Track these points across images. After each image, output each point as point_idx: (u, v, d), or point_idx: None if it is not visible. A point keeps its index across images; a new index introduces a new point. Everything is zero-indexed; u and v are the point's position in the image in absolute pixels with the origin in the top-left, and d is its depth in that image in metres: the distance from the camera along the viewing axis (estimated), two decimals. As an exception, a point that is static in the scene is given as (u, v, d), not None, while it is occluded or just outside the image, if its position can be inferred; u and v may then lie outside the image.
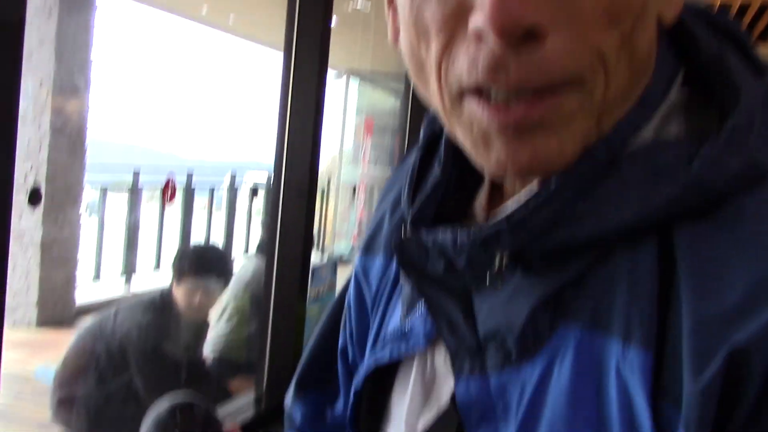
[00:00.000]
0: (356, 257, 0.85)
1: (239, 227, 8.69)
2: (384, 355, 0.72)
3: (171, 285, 3.04)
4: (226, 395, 2.89)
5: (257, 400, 1.97)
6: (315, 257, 2.06)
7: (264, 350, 1.98)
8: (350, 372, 0.85)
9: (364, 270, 0.83)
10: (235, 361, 3.53)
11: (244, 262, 4.07)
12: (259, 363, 2.00)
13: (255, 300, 3.46)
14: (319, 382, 0.90)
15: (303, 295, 1.99)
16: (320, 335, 0.92)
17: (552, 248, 0.58)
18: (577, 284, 0.58)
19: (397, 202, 0.81)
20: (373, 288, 0.81)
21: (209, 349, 3.52)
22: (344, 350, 0.86)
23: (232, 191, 8.44)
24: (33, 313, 6.33)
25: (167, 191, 4.32)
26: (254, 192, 9.01)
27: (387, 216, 0.83)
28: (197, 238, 7.42)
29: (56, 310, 6.47)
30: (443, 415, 0.67)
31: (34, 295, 6.32)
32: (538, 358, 0.58)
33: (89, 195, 7.23)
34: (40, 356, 5.37)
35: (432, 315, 0.65)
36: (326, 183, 8.76)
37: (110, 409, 2.81)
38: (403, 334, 0.71)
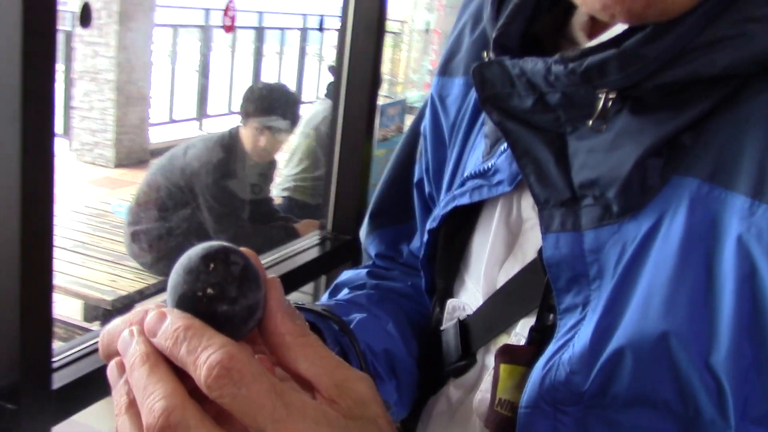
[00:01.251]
0: (434, 78, 0.76)
1: (310, 71, 8.58)
2: (464, 196, 0.64)
3: (239, 124, 3.01)
4: (293, 235, 2.91)
5: (322, 241, 1.96)
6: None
7: (329, 192, 1.95)
8: (426, 205, 0.79)
9: (440, 94, 0.74)
10: (303, 203, 3.55)
11: (315, 105, 4.01)
12: (324, 204, 1.97)
13: (325, 144, 3.42)
14: (394, 216, 0.84)
15: (369, 136, 1.92)
16: (394, 167, 0.85)
17: (672, 84, 0.48)
18: (698, 129, 0.48)
19: (478, 15, 0.71)
20: (451, 116, 0.73)
21: (278, 189, 3.54)
22: (420, 183, 0.79)
23: (304, 33, 8.28)
24: (111, 152, 6.50)
25: (227, 14, 4.20)
26: (324, 33, 8.82)
27: (468, 31, 0.72)
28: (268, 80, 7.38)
29: (132, 149, 6.63)
30: (527, 271, 0.60)
31: (111, 134, 6.46)
32: (643, 214, 0.50)
33: (161, 34, 7.19)
34: (117, 193, 5.56)
35: (517, 158, 0.56)
36: (399, 28, 8.49)
37: (178, 243, 2.88)
38: (486, 174, 0.63)
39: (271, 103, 3.00)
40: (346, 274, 0.84)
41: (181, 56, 7.62)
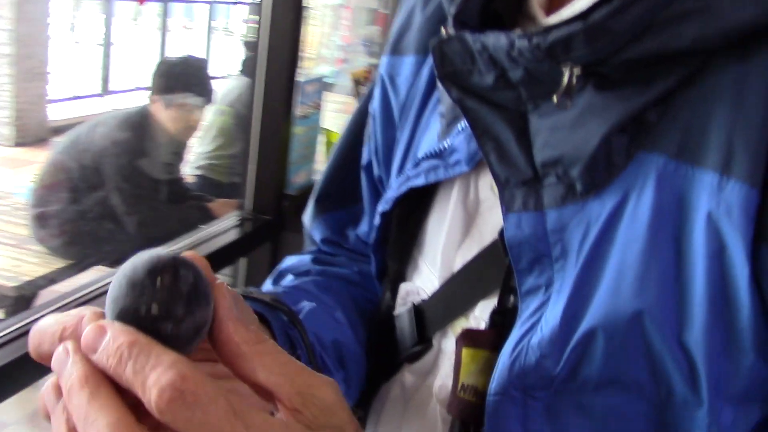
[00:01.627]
0: (382, 58, 0.73)
1: (219, 46, 8.38)
2: (418, 177, 0.62)
3: (150, 101, 2.89)
4: (208, 216, 2.83)
5: (241, 222, 1.90)
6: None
7: (248, 171, 1.89)
8: (375, 188, 0.77)
9: (390, 74, 0.72)
10: (217, 182, 3.46)
11: (229, 81, 3.90)
12: (243, 184, 1.92)
13: (240, 121, 3.34)
14: (340, 200, 0.82)
15: (289, 114, 1.88)
16: (341, 149, 0.82)
17: (638, 59, 0.47)
18: (664, 105, 0.48)
19: None
20: (402, 96, 0.70)
21: (190, 167, 3.44)
22: (368, 165, 0.76)
23: (212, 7, 8.06)
24: (9, 131, 6.19)
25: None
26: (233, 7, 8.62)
27: (418, 9, 0.70)
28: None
29: (32, 127, 6.33)
30: (486, 253, 0.58)
31: (9, 111, 6.16)
32: (607, 192, 0.49)
33: (60, 5, 6.86)
34: (18, 173, 5.30)
35: (477, 137, 0.54)
36: (309, 3, 8.36)
37: (85, 226, 2.76)
38: (441, 155, 0.61)
39: (185, 78, 2.89)
40: (290, 260, 0.81)
41: (83, 29, 7.30)
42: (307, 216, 0.84)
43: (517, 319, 0.52)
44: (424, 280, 0.65)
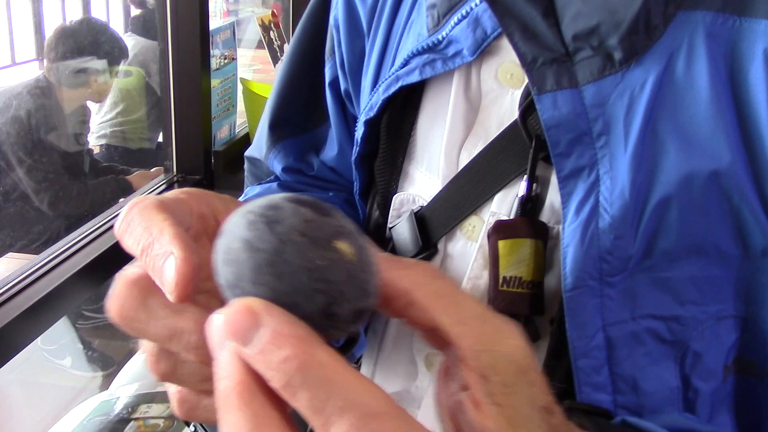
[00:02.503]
0: None
1: (97, 9, 7.94)
2: (411, 74, 0.57)
3: (45, 70, 2.70)
4: (127, 189, 2.69)
5: (169, 185, 1.81)
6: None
7: (170, 131, 1.79)
8: (344, 106, 0.72)
9: None
10: (124, 149, 3.30)
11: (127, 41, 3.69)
12: (166, 146, 1.81)
13: (142, 83, 3.17)
14: (298, 125, 0.76)
15: (206, 65, 1.78)
16: (291, 71, 0.76)
17: None
18: None
19: None
20: (369, 1, 0.66)
21: (93, 137, 3.25)
22: (334, 82, 0.71)
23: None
24: None
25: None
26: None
27: None
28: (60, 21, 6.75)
29: None
30: (503, 142, 0.55)
31: None
32: (648, 58, 0.47)
33: None
34: None
35: (498, 18, 0.50)
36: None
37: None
38: (436, 48, 0.56)
39: (85, 42, 2.70)
40: (254, 190, 0.76)
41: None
42: (262, 148, 0.79)
43: (565, 207, 0.49)
44: (420, 187, 0.61)
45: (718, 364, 0.50)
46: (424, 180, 0.61)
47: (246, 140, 2.04)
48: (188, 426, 0.77)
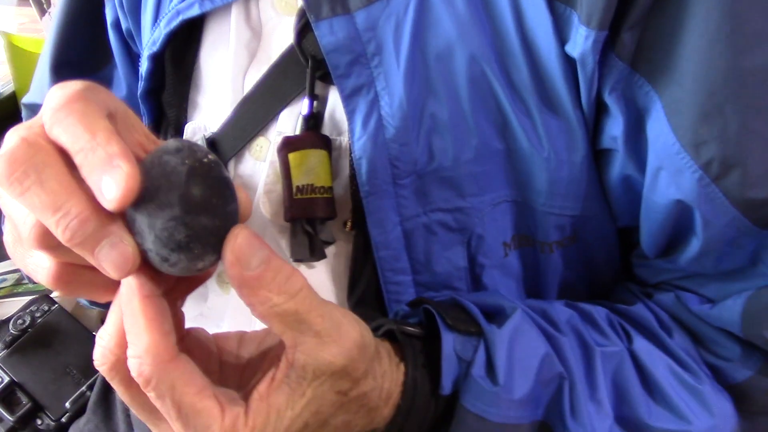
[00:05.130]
0: None
1: None
2: (191, 7, 0.60)
3: None
4: None
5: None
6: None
7: None
8: (127, 45, 0.71)
9: None
10: None
11: None
12: None
13: None
14: (82, 66, 0.75)
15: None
16: (69, 13, 0.74)
17: None
18: None
19: None
20: None
21: None
22: (116, 22, 0.71)
23: None
24: None
25: None
26: None
27: None
28: None
29: None
30: (282, 65, 0.58)
31: None
32: None
33: None
34: None
35: None
36: None
37: None
38: None
39: None
40: None
41: None
42: (42, 92, 0.77)
43: (351, 123, 0.54)
44: (209, 115, 0.64)
45: (497, 242, 0.57)
46: (211, 108, 0.64)
47: (12, 99, 1.89)
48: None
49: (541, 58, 0.51)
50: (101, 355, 0.38)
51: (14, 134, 0.35)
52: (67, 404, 0.73)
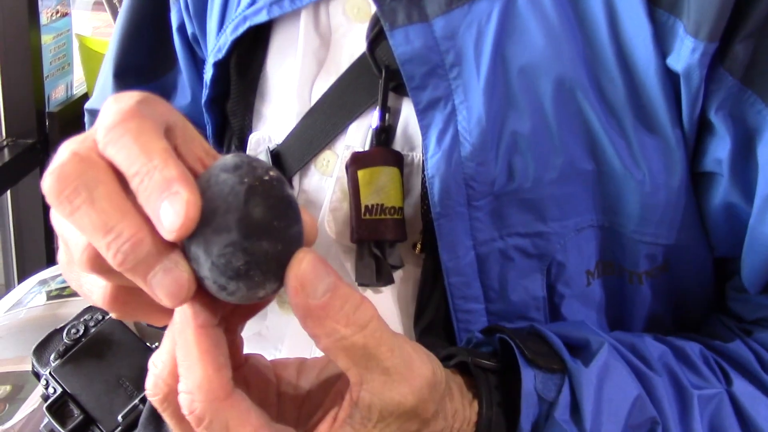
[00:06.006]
0: None
1: None
2: (259, 13, 0.57)
3: None
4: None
5: (-1, 149, 1.67)
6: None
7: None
8: (192, 51, 0.69)
9: None
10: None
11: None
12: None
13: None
14: (145, 73, 0.73)
15: (34, 19, 1.65)
16: (131, 18, 0.72)
17: None
18: None
19: None
20: None
21: None
22: (181, 26, 0.68)
23: None
24: None
25: None
26: None
27: None
28: None
29: None
30: (351, 75, 0.55)
31: None
32: None
33: None
34: None
35: None
36: None
37: None
38: None
39: None
40: None
41: None
42: (105, 98, 0.74)
43: (426, 139, 0.50)
44: (274, 126, 0.61)
45: (580, 271, 0.53)
46: (277, 118, 0.61)
47: (85, 100, 1.91)
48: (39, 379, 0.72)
49: (639, 71, 0.46)
50: (153, 385, 0.35)
51: (66, 148, 0.32)
52: (120, 417, 0.71)
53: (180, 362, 0.33)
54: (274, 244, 0.31)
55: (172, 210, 0.30)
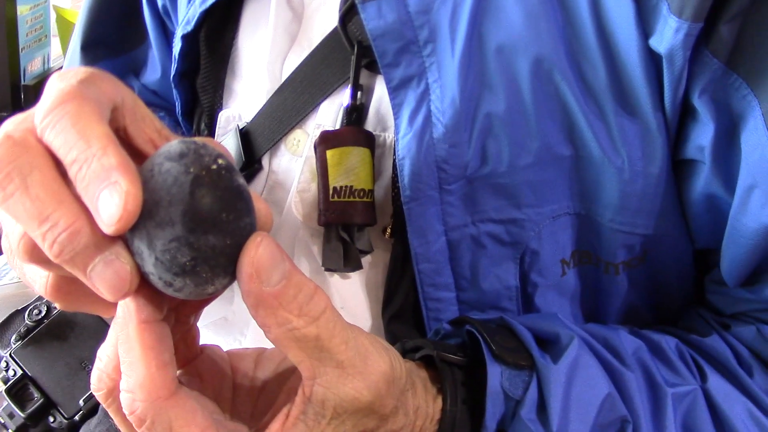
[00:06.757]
0: None
1: None
2: None
3: None
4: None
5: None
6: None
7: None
8: (163, 23, 0.67)
9: None
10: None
11: None
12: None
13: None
14: (113, 46, 0.70)
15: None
16: None
17: None
18: None
19: None
20: None
21: None
22: None
23: None
24: None
25: None
26: None
27: None
28: None
29: None
30: (323, 51, 0.52)
31: None
32: None
33: None
34: None
35: None
36: None
37: None
38: None
39: None
40: None
41: None
42: None
43: (397, 119, 0.48)
44: (244, 103, 0.59)
45: (555, 260, 0.51)
46: (247, 95, 0.59)
47: (62, 74, 1.88)
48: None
49: (620, 52, 0.44)
50: (97, 379, 0.33)
51: (1, 130, 0.30)
52: (81, 402, 0.69)
53: (122, 359, 0.31)
54: (223, 238, 0.29)
55: (110, 201, 0.27)
